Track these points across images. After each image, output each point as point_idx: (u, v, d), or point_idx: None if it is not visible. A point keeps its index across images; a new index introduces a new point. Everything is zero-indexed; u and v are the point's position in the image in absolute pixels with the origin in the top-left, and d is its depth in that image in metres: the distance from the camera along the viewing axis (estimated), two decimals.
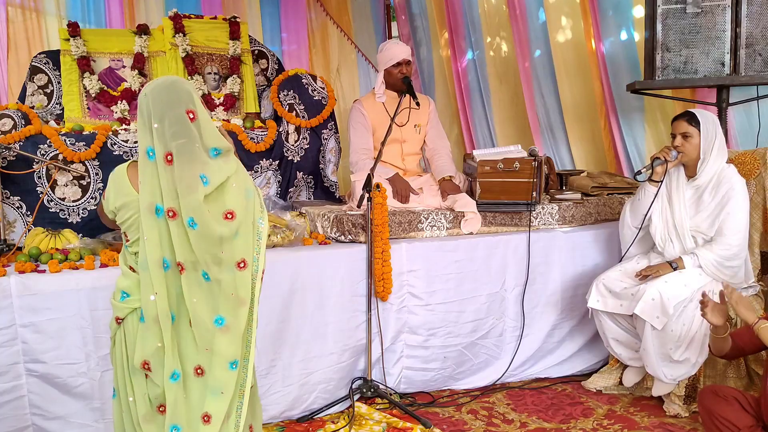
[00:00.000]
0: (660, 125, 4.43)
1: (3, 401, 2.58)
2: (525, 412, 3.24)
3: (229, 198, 1.98)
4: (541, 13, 4.89)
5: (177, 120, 1.92)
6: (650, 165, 3.18)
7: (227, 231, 1.97)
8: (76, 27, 3.87)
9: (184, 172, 1.91)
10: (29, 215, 3.24)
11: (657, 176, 3.18)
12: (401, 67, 3.68)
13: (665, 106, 4.35)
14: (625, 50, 4.48)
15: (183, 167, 1.91)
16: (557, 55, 4.80)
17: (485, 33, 5.29)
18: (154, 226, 1.95)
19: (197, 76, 3.99)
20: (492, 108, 5.35)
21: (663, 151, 3.16)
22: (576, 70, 4.78)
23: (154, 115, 1.93)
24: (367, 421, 3.06)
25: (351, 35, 5.86)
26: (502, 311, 3.52)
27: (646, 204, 3.21)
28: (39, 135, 3.29)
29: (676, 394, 3.15)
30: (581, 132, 4.89)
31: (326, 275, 3.12)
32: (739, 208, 3.06)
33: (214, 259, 1.96)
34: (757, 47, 3.59)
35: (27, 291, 2.60)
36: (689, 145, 3.12)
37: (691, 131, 3.11)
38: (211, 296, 1.98)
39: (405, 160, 3.87)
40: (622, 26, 4.49)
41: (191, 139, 1.92)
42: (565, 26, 4.76)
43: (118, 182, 2.04)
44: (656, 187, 3.19)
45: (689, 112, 3.17)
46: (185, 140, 1.92)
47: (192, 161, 1.92)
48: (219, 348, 1.98)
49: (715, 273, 3.07)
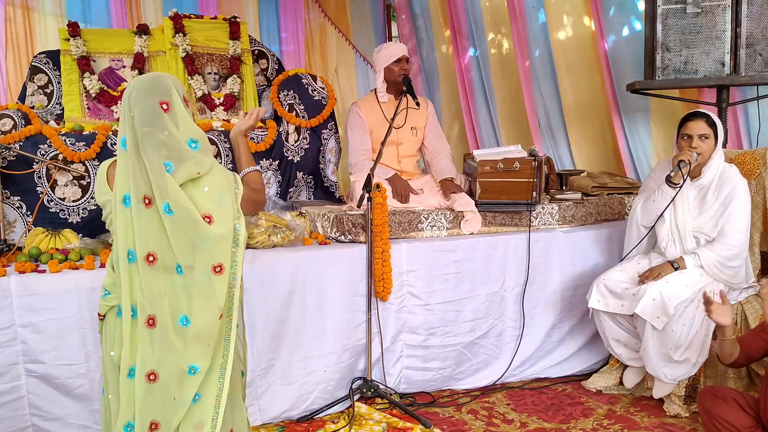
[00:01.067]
0: (662, 125, 4.42)
1: (2, 402, 2.58)
2: (525, 412, 3.24)
3: (201, 202, 1.96)
4: (541, 13, 4.88)
5: (148, 109, 1.93)
6: (677, 167, 3.05)
7: (204, 228, 1.94)
8: (76, 27, 3.87)
9: (151, 159, 1.91)
10: (29, 215, 3.24)
11: (678, 179, 3.07)
12: (401, 63, 3.69)
13: (667, 106, 4.35)
14: (629, 47, 4.46)
15: (148, 153, 1.91)
16: (558, 54, 4.80)
17: (487, 31, 5.29)
18: (121, 217, 1.95)
19: (197, 76, 3.99)
20: (496, 107, 5.36)
21: (686, 153, 3.06)
22: (578, 69, 4.78)
23: (131, 105, 1.95)
24: (367, 421, 3.06)
25: (349, 36, 5.86)
26: (502, 311, 3.52)
27: (662, 206, 3.14)
28: (39, 135, 3.29)
29: (677, 394, 3.15)
30: (583, 131, 4.88)
31: (326, 275, 3.12)
32: (741, 208, 3.05)
33: (191, 249, 1.93)
34: (758, 47, 3.59)
35: (27, 291, 2.60)
36: (706, 147, 3.08)
37: (709, 133, 3.07)
38: (182, 292, 1.94)
39: (401, 162, 3.86)
40: (625, 23, 4.48)
41: (158, 127, 1.92)
42: (567, 24, 4.75)
43: (98, 180, 2.05)
44: (675, 190, 3.10)
45: (703, 113, 3.12)
46: (150, 129, 1.92)
47: (157, 147, 1.91)
48: (178, 349, 1.93)
49: (716, 273, 3.07)
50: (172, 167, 1.91)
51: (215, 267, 1.95)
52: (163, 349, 1.94)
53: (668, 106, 4.32)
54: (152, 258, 1.94)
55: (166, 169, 1.91)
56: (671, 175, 3.06)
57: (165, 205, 1.90)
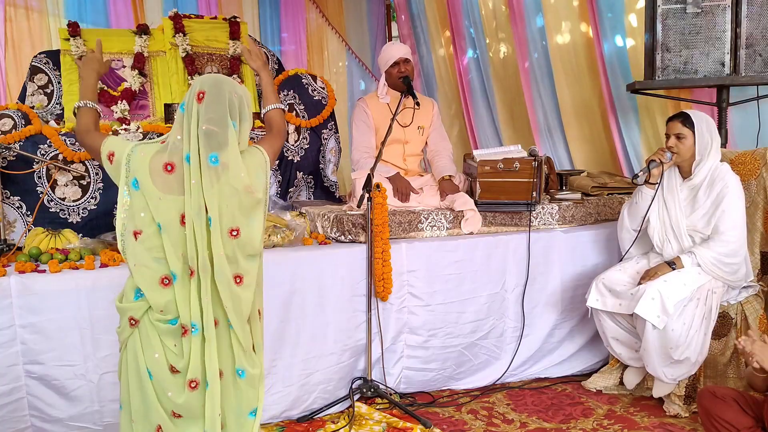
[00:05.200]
0: (658, 126, 4.42)
1: (2, 403, 2.57)
2: (525, 412, 3.24)
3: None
4: (539, 16, 4.88)
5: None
6: (646, 168, 3.18)
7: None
8: (76, 27, 3.87)
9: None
10: (29, 215, 3.24)
11: (653, 179, 3.19)
12: (399, 66, 3.70)
13: (664, 107, 4.35)
14: (620, 53, 4.48)
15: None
16: (555, 56, 4.80)
17: (486, 32, 5.29)
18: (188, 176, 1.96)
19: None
20: (496, 107, 5.35)
21: (657, 153, 3.17)
22: (576, 70, 4.78)
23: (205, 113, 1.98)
24: (367, 421, 3.06)
25: (345, 36, 5.87)
26: (503, 311, 3.52)
27: (644, 207, 3.22)
28: (39, 135, 3.29)
29: (676, 394, 3.15)
30: (581, 132, 4.88)
31: (326, 275, 3.12)
32: (734, 204, 3.06)
33: (240, 208, 1.99)
34: (757, 47, 3.59)
35: (27, 291, 2.59)
36: (683, 146, 3.12)
37: (684, 132, 3.11)
38: (237, 248, 2.00)
39: (407, 161, 3.87)
40: (618, 28, 4.48)
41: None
42: (564, 30, 4.76)
43: (135, 165, 2.01)
44: (653, 190, 3.19)
45: (683, 113, 3.18)
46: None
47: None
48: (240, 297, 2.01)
49: (714, 271, 3.07)
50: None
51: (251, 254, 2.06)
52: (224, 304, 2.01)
53: (667, 107, 4.32)
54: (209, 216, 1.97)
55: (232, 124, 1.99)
56: (639, 174, 3.18)
57: (212, 155, 1.94)
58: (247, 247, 2.02)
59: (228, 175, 1.97)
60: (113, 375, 2.68)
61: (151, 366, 1.99)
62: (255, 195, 2.02)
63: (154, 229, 1.97)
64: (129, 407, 2.06)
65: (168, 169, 1.97)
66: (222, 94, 1.98)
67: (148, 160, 1.98)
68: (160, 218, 1.96)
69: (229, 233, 1.98)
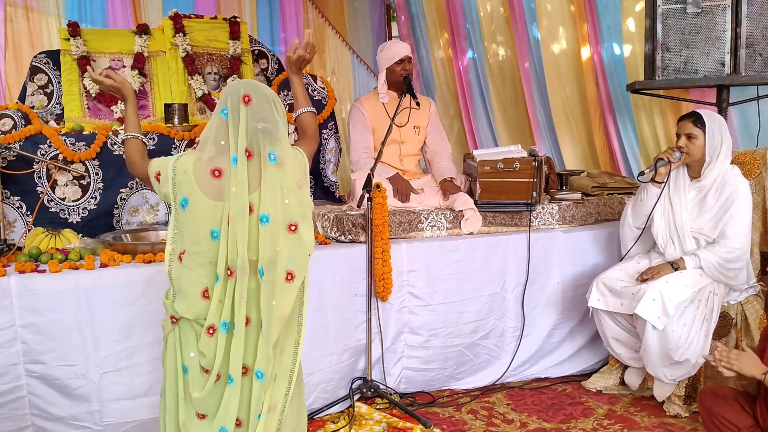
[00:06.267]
0: (656, 126, 4.42)
1: (3, 402, 2.57)
2: (525, 412, 3.24)
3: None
4: (536, 21, 4.88)
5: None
6: (653, 166, 3.15)
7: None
8: (76, 27, 3.87)
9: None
10: (29, 215, 3.24)
11: (660, 177, 3.16)
12: (403, 64, 3.68)
13: (662, 106, 4.35)
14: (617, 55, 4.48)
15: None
16: (552, 58, 4.80)
17: (485, 33, 5.29)
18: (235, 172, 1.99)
19: (197, 76, 3.99)
20: (494, 107, 5.35)
21: (666, 152, 3.14)
22: (574, 70, 4.78)
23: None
24: (367, 421, 3.06)
25: (346, 37, 5.87)
26: (503, 311, 3.52)
27: (649, 205, 3.20)
28: (39, 135, 3.28)
29: (676, 394, 3.15)
30: (580, 132, 4.88)
31: (326, 275, 3.12)
32: (742, 210, 3.04)
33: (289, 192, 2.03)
34: (757, 47, 3.59)
35: (27, 291, 2.59)
36: (693, 147, 3.09)
37: (696, 132, 3.08)
38: (295, 243, 2.03)
39: (403, 161, 3.86)
40: (615, 31, 4.49)
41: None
42: (561, 34, 4.76)
43: (179, 176, 2.04)
44: (659, 189, 3.17)
45: (696, 113, 3.14)
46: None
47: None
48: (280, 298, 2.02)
49: (716, 275, 3.06)
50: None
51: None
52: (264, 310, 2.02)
53: (667, 106, 4.32)
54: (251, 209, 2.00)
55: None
56: (645, 172, 3.15)
57: (270, 152, 2.00)
58: (305, 240, 2.05)
59: (284, 171, 2.02)
60: (114, 375, 2.70)
61: (187, 363, 2.05)
62: (303, 190, 2.07)
63: (204, 235, 2.00)
64: (165, 397, 2.12)
65: (216, 174, 1.99)
66: (265, 95, 2.04)
67: (192, 171, 2.01)
68: (213, 225, 2.00)
69: (287, 228, 2.01)
